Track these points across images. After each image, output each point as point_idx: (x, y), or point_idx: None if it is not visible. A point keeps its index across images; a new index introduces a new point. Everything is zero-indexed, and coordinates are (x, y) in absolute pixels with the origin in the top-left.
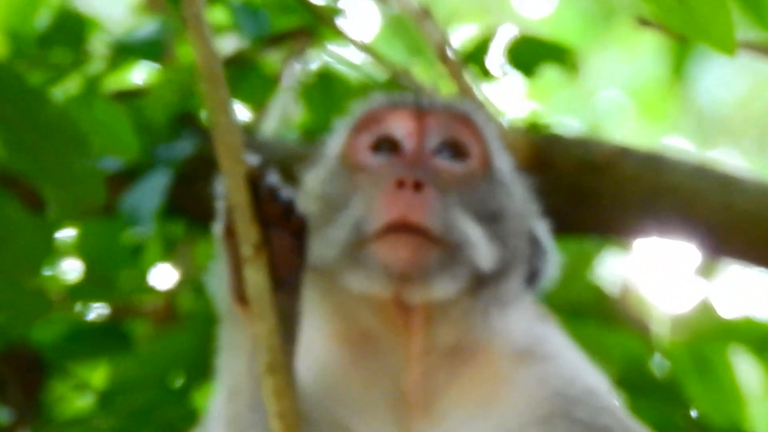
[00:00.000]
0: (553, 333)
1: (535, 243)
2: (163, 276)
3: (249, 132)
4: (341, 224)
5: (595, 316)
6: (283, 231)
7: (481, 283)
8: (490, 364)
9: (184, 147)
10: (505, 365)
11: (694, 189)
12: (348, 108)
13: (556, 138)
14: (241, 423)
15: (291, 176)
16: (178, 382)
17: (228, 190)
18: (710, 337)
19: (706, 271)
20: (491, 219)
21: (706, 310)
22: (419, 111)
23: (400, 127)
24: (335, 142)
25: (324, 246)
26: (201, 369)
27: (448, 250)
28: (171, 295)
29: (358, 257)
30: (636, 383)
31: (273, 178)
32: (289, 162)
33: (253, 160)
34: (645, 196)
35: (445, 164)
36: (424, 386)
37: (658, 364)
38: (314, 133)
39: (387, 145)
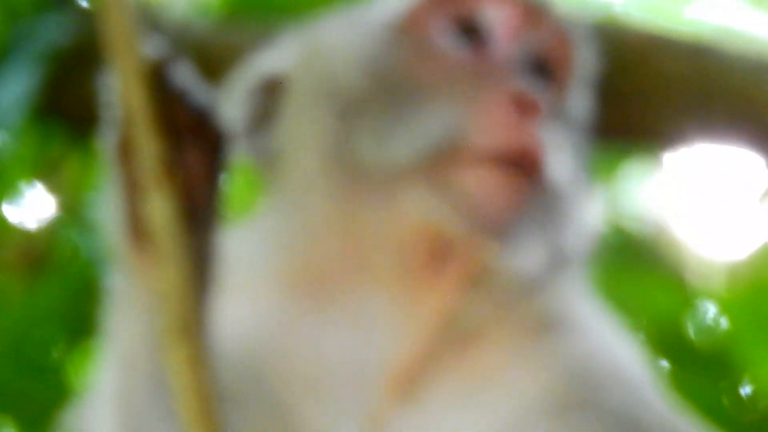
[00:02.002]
0: (578, 295)
1: None
2: (29, 207)
3: (148, 10)
4: (421, 123)
5: (615, 259)
6: (195, 146)
7: (555, 262)
8: (500, 339)
9: (57, 29)
10: (516, 341)
11: (754, 88)
12: None
13: None
14: (137, 404)
15: (207, 72)
16: (48, 351)
17: (122, 90)
18: None
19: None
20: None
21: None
22: (529, 3)
23: (499, 16)
24: (391, 4)
25: (380, 143)
26: (79, 333)
27: (552, 211)
28: (40, 233)
29: (436, 177)
30: (669, 349)
31: (183, 73)
32: (205, 53)
33: (155, 48)
34: (688, 99)
35: (539, 84)
36: (415, 365)
37: (700, 325)
38: (239, 13)
39: (468, 33)
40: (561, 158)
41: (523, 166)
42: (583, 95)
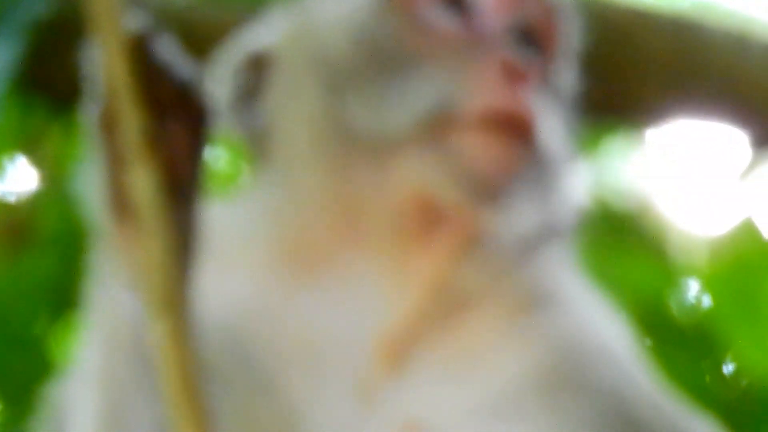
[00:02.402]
0: (566, 272)
1: None
2: (13, 181)
3: None
4: (414, 91)
5: (596, 235)
6: (178, 120)
7: (545, 231)
8: (489, 312)
9: (41, 2)
10: (505, 314)
11: (736, 64)
12: None
13: None
14: (119, 379)
15: (191, 46)
16: (30, 325)
17: (104, 64)
18: (756, 265)
19: (749, 171)
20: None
21: (748, 229)
22: None
23: None
24: None
25: (373, 112)
26: (62, 308)
27: (544, 179)
28: (22, 206)
29: (431, 143)
30: (651, 326)
31: (166, 47)
32: (189, 27)
33: (138, 22)
34: (670, 74)
35: (527, 54)
36: (406, 335)
37: (683, 302)
38: None
39: (454, 5)
40: (551, 127)
41: (516, 131)
42: (569, 69)
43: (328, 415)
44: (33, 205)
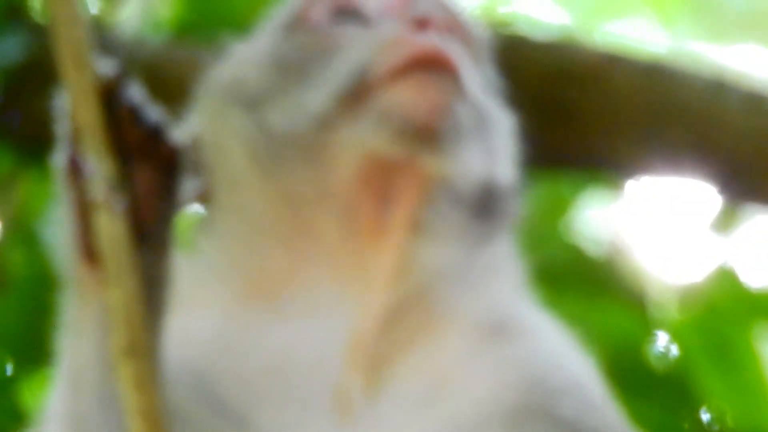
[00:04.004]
0: (529, 304)
1: None
2: None
3: (101, 29)
4: (328, 74)
5: (574, 284)
6: (147, 164)
7: (490, 202)
8: (453, 335)
9: (11, 48)
10: (469, 340)
11: (709, 109)
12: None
13: (522, 40)
14: (87, 424)
15: (159, 90)
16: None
17: (73, 108)
18: (730, 313)
19: (725, 223)
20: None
21: (724, 277)
22: None
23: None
24: (282, 12)
25: (294, 105)
26: (32, 352)
27: (479, 121)
28: None
29: (357, 109)
30: (629, 374)
31: (135, 92)
32: (157, 71)
33: (107, 67)
34: (642, 117)
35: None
36: (379, 342)
37: (658, 351)
38: (189, 32)
39: (352, 17)
40: (472, 74)
41: (436, 67)
42: (484, 62)
43: None
44: (1, 251)
